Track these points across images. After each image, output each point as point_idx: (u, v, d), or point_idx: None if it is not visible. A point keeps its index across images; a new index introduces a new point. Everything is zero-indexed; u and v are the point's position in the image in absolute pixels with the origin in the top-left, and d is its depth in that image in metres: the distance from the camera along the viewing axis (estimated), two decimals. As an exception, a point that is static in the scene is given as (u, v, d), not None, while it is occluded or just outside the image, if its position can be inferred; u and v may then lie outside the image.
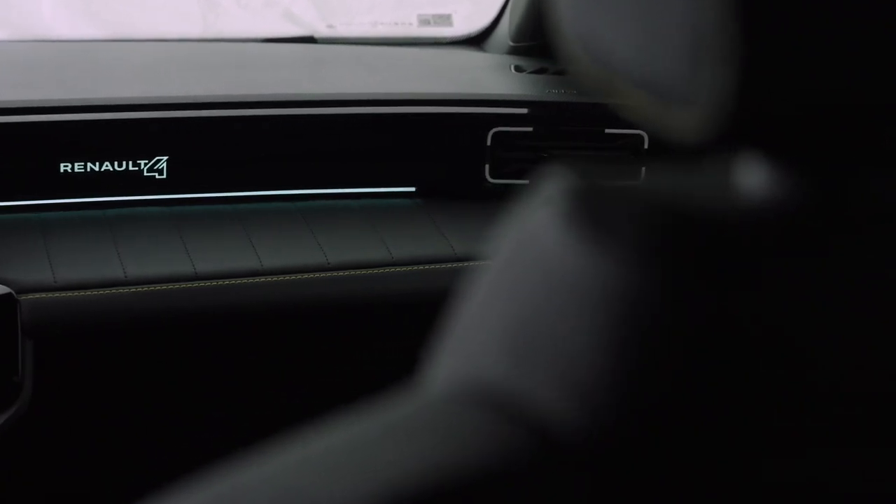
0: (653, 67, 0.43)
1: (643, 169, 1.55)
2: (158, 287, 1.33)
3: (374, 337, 1.44)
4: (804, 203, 0.45)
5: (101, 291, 1.31)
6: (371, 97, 1.52)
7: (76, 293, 1.31)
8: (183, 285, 1.34)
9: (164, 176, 1.44)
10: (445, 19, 1.88)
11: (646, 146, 1.54)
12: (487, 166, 1.53)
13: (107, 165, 1.42)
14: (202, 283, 1.34)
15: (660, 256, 0.43)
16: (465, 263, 1.42)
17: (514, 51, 1.74)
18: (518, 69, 1.67)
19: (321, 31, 1.83)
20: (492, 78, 1.65)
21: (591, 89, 0.48)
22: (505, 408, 0.44)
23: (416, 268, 1.41)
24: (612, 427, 0.42)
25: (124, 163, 1.42)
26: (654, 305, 0.42)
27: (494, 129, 1.52)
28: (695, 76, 0.42)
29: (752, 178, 0.46)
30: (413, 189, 1.54)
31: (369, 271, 1.39)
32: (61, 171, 1.41)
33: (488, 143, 1.52)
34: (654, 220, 0.44)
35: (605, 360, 0.42)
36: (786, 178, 0.45)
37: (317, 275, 1.38)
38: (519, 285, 0.46)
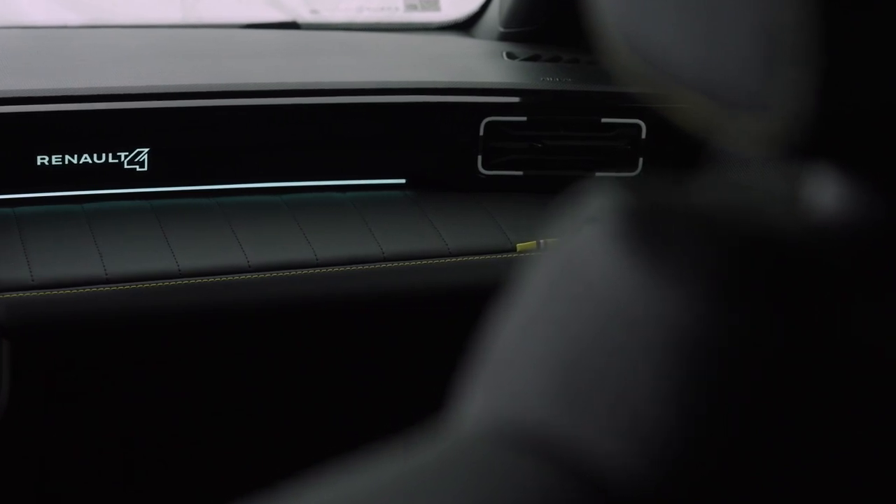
0: (715, 70, 0.38)
1: (641, 160, 1.51)
2: (140, 285, 1.29)
3: (365, 334, 1.40)
4: (886, 222, 0.40)
5: (81, 289, 1.27)
6: (359, 86, 1.47)
7: (54, 291, 1.26)
8: (165, 283, 1.30)
9: (146, 168, 1.39)
10: (433, 4, 1.83)
11: (643, 136, 1.50)
12: (480, 157, 1.49)
13: (85, 158, 1.37)
14: (185, 281, 1.30)
15: (729, 285, 0.38)
16: (458, 259, 1.38)
17: (504, 37, 1.69)
18: (510, 56, 1.62)
19: (305, 16, 1.78)
20: (484, 65, 1.60)
21: (635, 86, 0.43)
22: (549, 452, 0.39)
23: (407, 263, 1.37)
24: (676, 477, 0.37)
25: (104, 155, 1.37)
26: (724, 340, 0.37)
27: (487, 119, 1.48)
28: (767, 80, 0.37)
29: (827, 193, 0.41)
30: (404, 181, 1.50)
31: (359, 267, 1.35)
32: (38, 163, 1.36)
33: (481, 133, 1.48)
34: (720, 244, 0.39)
35: (668, 402, 0.37)
36: (864, 193, 0.40)
37: (305, 271, 1.34)
38: (563, 315, 0.41)
